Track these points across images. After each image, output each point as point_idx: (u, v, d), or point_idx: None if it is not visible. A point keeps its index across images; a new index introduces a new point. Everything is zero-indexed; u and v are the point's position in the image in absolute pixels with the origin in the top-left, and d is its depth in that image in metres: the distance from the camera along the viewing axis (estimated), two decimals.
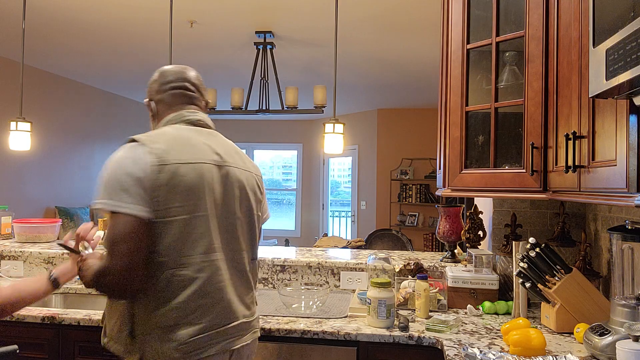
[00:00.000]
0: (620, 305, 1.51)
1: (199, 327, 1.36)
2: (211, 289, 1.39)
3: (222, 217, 1.44)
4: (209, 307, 1.38)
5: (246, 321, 1.50)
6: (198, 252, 1.36)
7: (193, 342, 1.34)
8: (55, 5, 3.81)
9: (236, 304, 1.46)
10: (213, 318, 1.39)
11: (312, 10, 3.84)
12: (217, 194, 1.43)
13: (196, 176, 1.38)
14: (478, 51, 2.02)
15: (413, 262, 2.38)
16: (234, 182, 1.49)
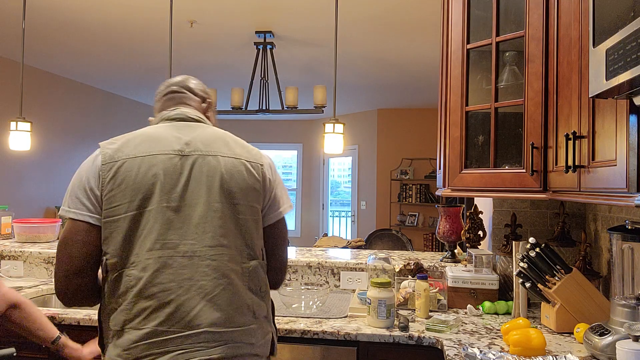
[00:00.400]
0: (620, 305, 1.51)
1: (142, 332, 1.21)
2: (156, 290, 1.23)
3: (182, 209, 1.28)
4: (154, 310, 1.22)
5: (215, 331, 1.24)
6: (145, 249, 1.25)
7: (135, 348, 1.21)
8: (55, 5, 3.81)
9: (200, 309, 1.23)
10: (160, 323, 1.22)
11: (312, 10, 3.84)
12: (176, 185, 1.29)
13: (145, 169, 1.28)
14: (478, 51, 2.02)
15: (413, 262, 2.38)
16: (204, 170, 1.31)
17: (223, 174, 1.33)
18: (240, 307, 1.29)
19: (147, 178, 1.28)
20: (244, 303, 1.30)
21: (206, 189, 1.31)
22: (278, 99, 4.68)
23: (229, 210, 1.31)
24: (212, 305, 1.25)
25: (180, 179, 1.30)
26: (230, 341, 1.25)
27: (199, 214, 1.28)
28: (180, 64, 5.52)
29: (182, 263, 1.26)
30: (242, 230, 1.33)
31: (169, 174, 1.30)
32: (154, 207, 1.27)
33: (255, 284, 1.34)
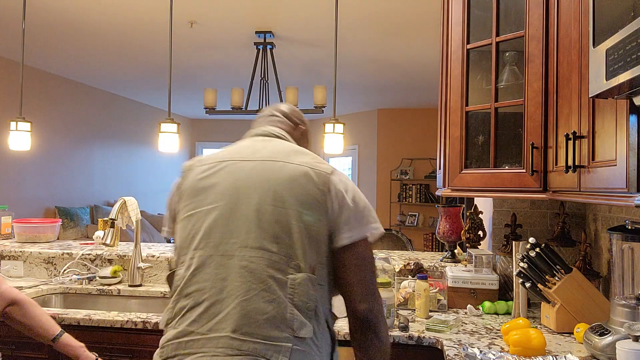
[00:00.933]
0: (620, 305, 1.51)
1: (176, 331, 1.20)
2: (193, 289, 1.22)
3: (232, 211, 1.25)
4: (189, 309, 1.21)
5: (237, 338, 1.15)
6: (192, 249, 1.25)
7: (167, 347, 1.21)
8: (55, 5, 3.81)
9: (228, 312, 1.17)
10: (190, 323, 1.19)
11: (312, 10, 3.84)
12: (230, 186, 1.28)
13: (207, 174, 1.31)
14: (478, 51, 2.02)
15: (413, 262, 2.38)
16: (263, 174, 1.27)
17: (281, 180, 1.26)
18: (275, 319, 1.17)
19: (204, 181, 1.31)
20: (281, 316, 1.17)
21: (260, 192, 1.26)
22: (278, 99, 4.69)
23: (281, 216, 1.23)
24: (241, 310, 1.17)
25: (237, 182, 1.28)
26: (251, 354, 1.13)
27: (247, 215, 1.24)
28: (180, 64, 5.52)
29: (219, 262, 1.22)
30: (293, 239, 1.23)
31: (227, 176, 1.30)
32: (206, 208, 1.27)
33: (301, 300, 1.20)
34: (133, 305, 2.46)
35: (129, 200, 2.55)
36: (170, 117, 3.06)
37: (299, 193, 1.25)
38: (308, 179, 1.26)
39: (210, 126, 10.25)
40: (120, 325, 1.97)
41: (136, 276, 2.51)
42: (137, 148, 8.41)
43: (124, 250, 2.72)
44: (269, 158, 1.31)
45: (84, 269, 2.66)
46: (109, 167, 7.63)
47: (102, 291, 2.48)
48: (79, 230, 6.36)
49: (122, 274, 2.59)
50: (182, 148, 9.91)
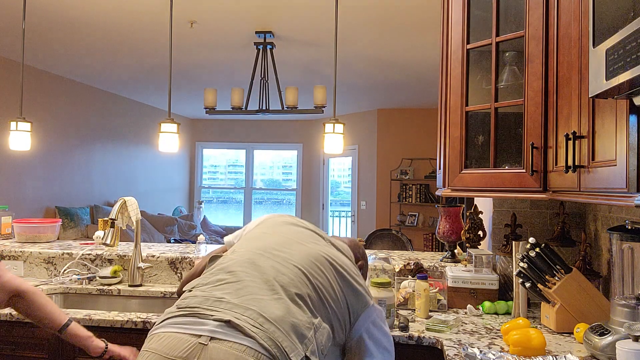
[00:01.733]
0: (620, 305, 1.51)
1: (204, 294, 1.35)
2: (237, 269, 1.39)
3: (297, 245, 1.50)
4: (228, 283, 1.35)
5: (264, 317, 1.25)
6: (251, 246, 1.49)
7: (189, 298, 1.35)
8: (55, 5, 3.81)
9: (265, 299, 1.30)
10: (225, 294, 1.32)
11: (312, 10, 3.84)
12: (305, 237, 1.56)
13: None
14: (478, 51, 2.02)
15: (413, 262, 2.38)
16: (330, 251, 1.50)
17: (343, 262, 1.46)
18: (299, 329, 1.23)
19: None
20: (303, 331, 1.24)
21: (323, 245, 1.49)
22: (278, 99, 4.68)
23: (332, 277, 1.40)
24: (277, 304, 1.25)
25: (323, 241, 1.54)
26: (271, 334, 1.18)
27: (316, 252, 1.43)
28: (180, 64, 5.52)
29: (271, 264, 1.35)
30: (328, 299, 1.36)
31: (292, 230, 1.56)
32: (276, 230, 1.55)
33: (320, 339, 1.29)
34: (133, 305, 2.46)
35: (129, 200, 2.55)
36: (170, 117, 3.06)
37: (351, 286, 1.43)
38: (360, 288, 1.45)
39: (210, 126, 10.25)
40: (120, 325, 1.97)
41: (136, 276, 2.51)
42: (137, 148, 8.41)
43: (124, 250, 2.72)
44: (343, 251, 1.53)
45: (84, 269, 2.66)
46: (109, 167, 7.63)
47: (102, 291, 2.48)
48: (79, 230, 6.36)
49: (122, 274, 2.59)
50: (182, 148, 9.91)
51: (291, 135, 9.96)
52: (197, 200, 10.09)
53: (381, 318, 1.51)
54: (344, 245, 1.58)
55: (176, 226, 8.25)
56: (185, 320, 1.22)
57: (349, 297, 1.41)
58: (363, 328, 1.44)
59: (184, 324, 1.21)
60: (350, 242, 1.73)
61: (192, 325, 1.20)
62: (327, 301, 1.35)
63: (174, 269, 2.62)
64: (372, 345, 1.44)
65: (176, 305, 1.28)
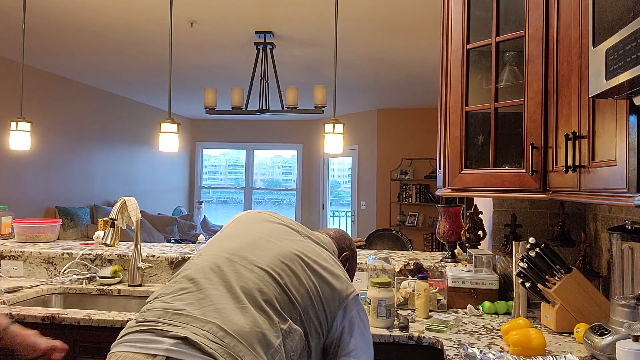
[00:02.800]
0: (620, 305, 1.51)
1: (166, 305, 1.28)
2: (199, 277, 1.34)
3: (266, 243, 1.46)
4: (189, 292, 1.29)
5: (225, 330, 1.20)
6: (216, 249, 1.44)
7: (149, 311, 1.29)
8: (55, 5, 3.81)
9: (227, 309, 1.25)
10: (186, 304, 1.26)
11: (312, 10, 3.84)
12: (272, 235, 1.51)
13: None
14: (478, 51, 2.02)
15: (413, 262, 2.38)
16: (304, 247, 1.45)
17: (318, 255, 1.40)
18: (264, 338, 1.18)
19: None
20: (270, 341, 1.19)
21: (295, 241, 1.42)
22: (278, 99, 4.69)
23: (305, 275, 1.33)
24: (240, 314, 1.20)
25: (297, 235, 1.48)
26: (232, 349, 1.13)
27: (286, 250, 1.36)
28: (180, 64, 5.52)
29: (235, 269, 1.29)
30: (300, 299, 1.30)
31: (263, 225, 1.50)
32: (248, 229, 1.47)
33: (291, 345, 1.24)
34: (133, 305, 2.46)
35: (129, 200, 2.55)
36: (170, 117, 3.06)
37: (327, 281, 1.35)
38: (337, 282, 1.37)
39: (210, 126, 10.25)
40: (120, 325, 1.97)
41: (136, 276, 2.51)
42: (137, 148, 8.41)
43: (124, 250, 2.72)
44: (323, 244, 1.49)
45: (84, 269, 2.66)
46: (109, 167, 7.63)
47: (102, 291, 2.48)
48: (79, 230, 6.36)
49: (122, 274, 2.59)
50: (182, 148, 9.91)
51: (291, 135, 9.96)
52: (197, 200, 10.09)
53: (362, 316, 1.42)
54: (326, 238, 1.53)
55: (176, 226, 8.25)
56: (142, 338, 1.16)
57: (324, 292, 1.33)
58: (345, 322, 1.36)
59: (140, 341, 1.15)
60: (336, 233, 1.67)
61: (148, 343, 1.14)
62: (298, 302, 1.28)
63: (173, 269, 2.62)
64: (353, 341, 1.37)
65: (135, 320, 1.22)
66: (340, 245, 1.64)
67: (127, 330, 1.21)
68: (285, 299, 1.27)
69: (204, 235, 7.80)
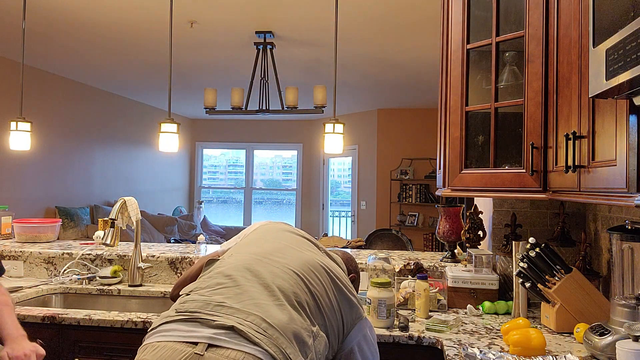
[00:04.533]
0: (620, 305, 1.51)
1: (205, 297, 1.32)
2: (236, 274, 1.37)
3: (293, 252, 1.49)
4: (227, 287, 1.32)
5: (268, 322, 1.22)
6: (247, 250, 1.48)
7: (189, 302, 1.31)
8: (55, 5, 3.81)
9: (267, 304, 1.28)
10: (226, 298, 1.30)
11: (312, 10, 3.84)
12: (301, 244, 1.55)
13: None
14: (478, 51, 2.02)
15: (413, 262, 2.38)
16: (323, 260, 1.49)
17: (337, 271, 1.43)
18: (300, 336, 1.21)
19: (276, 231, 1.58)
20: (305, 339, 1.22)
21: (318, 254, 1.47)
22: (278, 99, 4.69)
23: (328, 287, 1.37)
24: (278, 310, 1.22)
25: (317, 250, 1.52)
26: (275, 340, 1.16)
27: (312, 259, 1.40)
28: (180, 64, 5.52)
29: (269, 269, 1.32)
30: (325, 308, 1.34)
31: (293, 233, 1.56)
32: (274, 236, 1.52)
33: (318, 348, 1.26)
34: (133, 305, 2.46)
35: (129, 200, 2.55)
36: (170, 117, 3.06)
37: (345, 297, 1.40)
38: (353, 300, 1.42)
39: (210, 126, 10.25)
40: (120, 325, 1.97)
41: (136, 276, 2.51)
42: (137, 148, 8.41)
43: (124, 250, 2.72)
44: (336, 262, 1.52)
45: (84, 269, 2.66)
46: (109, 167, 7.63)
47: (102, 291, 2.48)
48: (79, 230, 6.36)
49: (122, 274, 2.59)
50: (182, 148, 9.91)
51: (291, 135, 9.96)
52: (197, 200, 10.09)
53: (372, 334, 1.47)
54: (338, 258, 1.57)
55: (176, 226, 8.24)
56: (183, 327, 1.17)
57: (343, 307, 1.38)
58: (355, 341, 1.40)
59: (181, 330, 1.17)
60: (343, 254, 1.73)
61: (189, 331, 1.16)
62: (324, 309, 1.32)
63: (174, 269, 2.62)
64: (361, 359, 1.41)
65: (174, 309, 1.24)
66: (348, 267, 1.70)
67: (164, 320, 1.22)
68: (314, 305, 1.30)
69: (204, 235, 7.81)
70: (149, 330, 1.25)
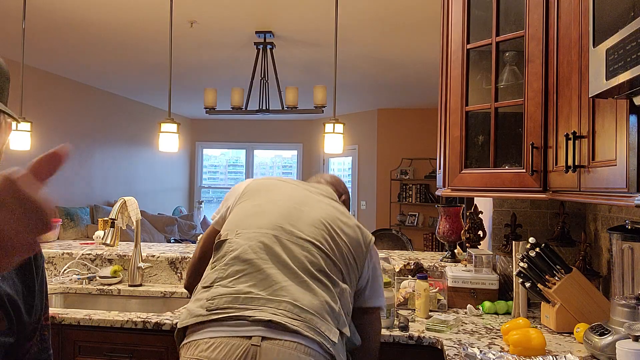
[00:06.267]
0: (620, 305, 1.51)
1: (229, 289, 1.33)
2: (252, 257, 1.36)
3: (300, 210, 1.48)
4: (247, 274, 1.33)
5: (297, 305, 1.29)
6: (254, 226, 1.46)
7: (218, 299, 1.32)
8: (55, 5, 3.81)
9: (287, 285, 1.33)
10: (250, 286, 1.33)
11: (312, 10, 3.84)
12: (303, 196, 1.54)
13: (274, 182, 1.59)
14: (478, 51, 2.02)
15: (413, 262, 2.38)
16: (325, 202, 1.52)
17: (340, 217, 1.46)
18: (329, 306, 1.28)
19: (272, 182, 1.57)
20: (332, 307, 1.29)
21: (324, 210, 1.45)
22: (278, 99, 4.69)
23: (339, 232, 1.42)
24: (303, 289, 1.27)
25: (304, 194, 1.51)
26: (310, 322, 1.23)
27: (311, 217, 1.41)
28: (180, 64, 5.51)
29: (284, 244, 1.34)
30: (343, 256, 1.39)
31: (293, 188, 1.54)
32: (275, 198, 1.48)
33: (344, 304, 1.35)
34: (133, 305, 2.46)
35: (129, 200, 2.55)
36: (170, 117, 3.06)
37: (352, 237, 1.44)
38: (358, 232, 1.46)
39: (210, 126, 10.25)
40: (120, 325, 1.97)
41: (136, 276, 2.51)
42: (137, 148, 8.41)
43: (124, 250, 2.72)
44: (328, 195, 1.54)
45: (84, 268, 2.66)
46: (109, 167, 7.63)
47: (102, 291, 2.48)
48: (79, 230, 6.36)
49: (122, 274, 2.59)
50: (182, 148, 9.91)
51: (291, 135, 9.95)
52: (197, 200, 10.08)
53: (378, 260, 1.56)
54: (328, 189, 1.60)
55: (176, 226, 8.24)
56: (225, 326, 1.21)
57: (353, 246, 1.43)
58: (369, 271, 1.47)
59: (225, 327, 1.21)
60: (331, 178, 1.75)
61: (234, 327, 1.20)
62: (340, 263, 1.38)
63: (174, 268, 2.62)
64: (376, 286, 1.50)
65: (204, 308, 1.26)
66: (338, 190, 1.72)
67: (199, 319, 1.25)
68: (330, 264, 1.35)
69: None
70: (178, 325, 1.29)
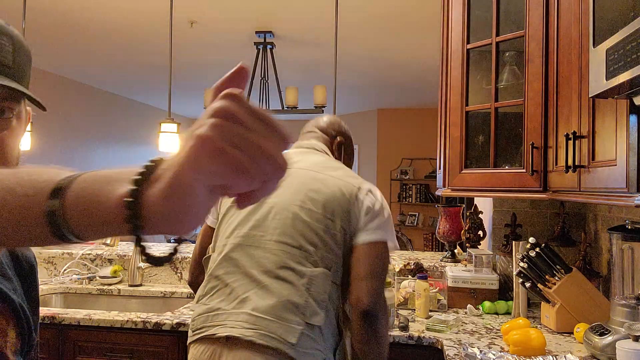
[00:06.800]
0: (620, 305, 1.51)
1: (205, 307, 1.38)
2: (220, 272, 1.39)
3: (263, 206, 1.41)
4: (218, 290, 1.38)
5: (255, 315, 1.30)
6: (224, 237, 1.46)
7: (197, 320, 1.38)
8: (55, 5, 3.81)
9: (250, 294, 1.33)
10: (220, 302, 1.37)
11: (312, 10, 3.84)
12: None
13: None
14: (478, 51, 2.02)
15: (413, 262, 2.38)
16: (297, 179, 1.43)
17: (314, 187, 1.41)
18: (290, 304, 1.29)
19: None
20: (296, 302, 1.30)
21: (291, 193, 1.40)
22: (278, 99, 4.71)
23: (310, 219, 1.38)
24: (263, 293, 1.31)
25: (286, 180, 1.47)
26: (264, 329, 1.25)
27: (276, 211, 1.39)
28: (180, 64, 5.51)
29: (246, 251, 1.37)
30: (315, 240, 1.36)
31: None
32: None
33: (317, 291, 1.33)
34: (133, 305, 2.46)
35: None
36: (170, 117, 3.06)
37: (328, 201, 1.39)
38: (336, 189, 1.41)
39: None
40: (120, 325, 1.97)
41: (136, 276, 2.51)
42: (137, 148, 8.40)
43: (124, 250, 2.72)
44: (306, 167, 1.46)
45: (84, 268, 2.66)
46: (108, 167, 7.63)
47: (102, 291, 2.48)
48: None
49: (122, 274, 2.59)
50: None
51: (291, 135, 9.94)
52: None
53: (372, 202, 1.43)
54: (318, 144, 1.56)
55: None
56: (200, 344, 1.33)
57: (330, 213, 1.38)
58: (359, 216, 1.40)
59: (199, 346, 1.33)
60: (325, 122, 1.65)
61: (205, 344, 1.32)
62: (312, 248, 1.35)
63: (174, 269, 2.62)
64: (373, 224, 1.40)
65: (191, 329, 1.38)
66: (330, 133, 1.62)
67: (189, 341, 1.38)
68: (297, 252, 1.35)
69: None
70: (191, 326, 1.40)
